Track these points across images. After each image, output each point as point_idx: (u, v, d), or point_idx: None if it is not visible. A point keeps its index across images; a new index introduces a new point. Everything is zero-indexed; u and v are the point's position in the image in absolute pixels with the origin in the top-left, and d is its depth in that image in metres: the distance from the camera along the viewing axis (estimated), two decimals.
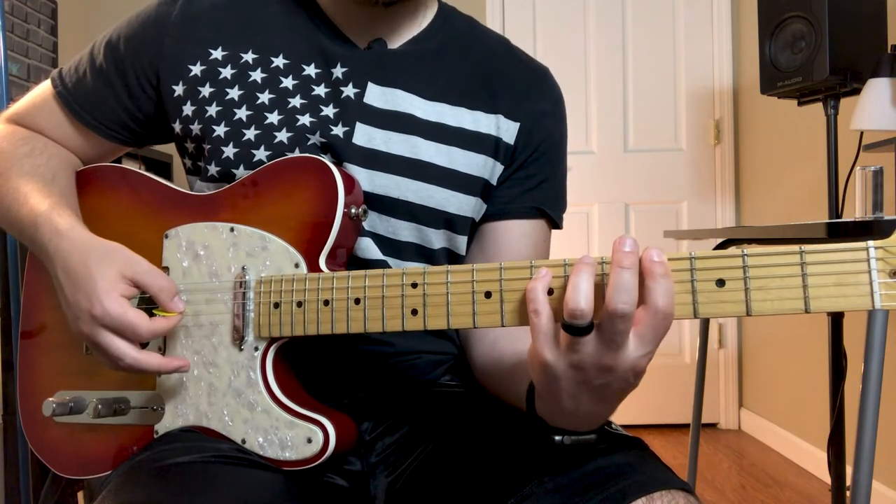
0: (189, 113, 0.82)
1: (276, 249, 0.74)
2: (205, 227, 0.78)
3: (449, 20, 0.90)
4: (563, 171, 0.91)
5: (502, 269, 0.62)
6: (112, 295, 0.70)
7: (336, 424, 0.71)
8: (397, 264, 0.83)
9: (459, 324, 0.64)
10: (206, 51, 0.83)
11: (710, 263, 0.56)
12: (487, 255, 0.86)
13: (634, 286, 0.54)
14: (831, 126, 1.88)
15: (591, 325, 0.55)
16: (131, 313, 0.70)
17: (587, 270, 0.56)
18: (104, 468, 0.79)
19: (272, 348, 0.73)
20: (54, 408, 0.79)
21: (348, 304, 0.68)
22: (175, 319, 0.73)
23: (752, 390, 3.11)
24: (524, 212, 0.86)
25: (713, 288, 0.56)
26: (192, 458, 0.68)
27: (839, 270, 0.53)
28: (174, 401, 0.76)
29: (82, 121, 0.87)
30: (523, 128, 0.86)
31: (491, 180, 0.85)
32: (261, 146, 0.80)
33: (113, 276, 0.71)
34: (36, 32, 2.65)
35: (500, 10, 3.20)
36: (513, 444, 0.73)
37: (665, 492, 0.63)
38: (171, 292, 0.73)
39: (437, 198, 0.82)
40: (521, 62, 0.91)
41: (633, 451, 0.69)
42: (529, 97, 0.88)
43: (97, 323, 0.70)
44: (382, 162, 0.80)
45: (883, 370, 1.26)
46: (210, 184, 0.82)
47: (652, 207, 3.19)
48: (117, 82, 0.86)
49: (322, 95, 0.82)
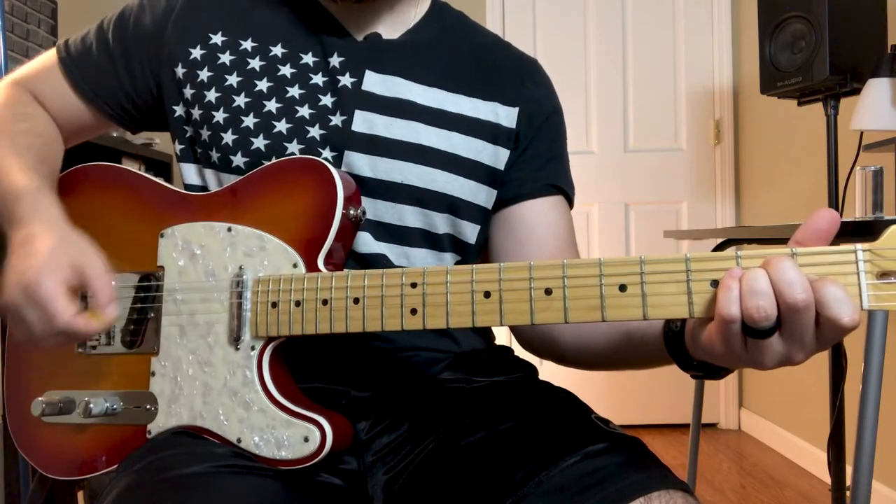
0: (189, 96, 0.83)
1: (274, 249, 0.74)
2: (202, 226, 0.78)
3: (441, 13, 0.93)
4: (566, 154, 0.94)
5: (501, 269, 0.63)
6: (53, 276, 0.69)
7: (333, 423, 0.71)
8: (402, 251, 0.84)
9: (458, 323, 0.64)
10: (207, 35, 0.84)
11: (706, 265, 0.57)
12: (518, 236, 0.88)
13: (801, 274, 0.53)
14: (831, 126, 1.88)
15: (776, 325, 0.54)
16: (61, 300, 0.69)
17: (759, 271, 0.54)
18: (94, 469, 0.79)
19: (269, 348, 0.73)
20: (44, 408, 0.78)
21: (347, 304, 0.68)
22: (97, 326, 0.70)
23: (752, 390, 3.11)
24: (540, 189, 0.88)
25: (708, 289, 0.57)
26: (194, 469, 0.67)
27: (829, 272, 0.55)
28: (168, 400, 0.76)
29: (81, 91, 0.88)
30: (523, 112, 0.89)
31: (496, 166, 0.87)
32: (259, 134, 0.80)
33: (64, 262, 0.70)
34: (36, 32, 2.65)
35: (500, 10, 3.20)
36: (512, 443, 0.73)
37: (663, 492, 0.63)
38: (108, 297, 0.71)
39: (439, 181, 0.83)
40: (511, 53, 0.95)
41: (631, 451, 0.69)
42: (524, 85, 0.91)
43: (26, 294, 0.69)
44: (384, 147, 0.82)
45: (883, 370, 1.26)
46: (205, 169, 0.83)
47: (652, 207, 3.19)
48: (121, 62, 0.87)
49: (320, 84, 0.83)
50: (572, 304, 0.61)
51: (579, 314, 0.61)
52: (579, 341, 0.81)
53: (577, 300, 0.61)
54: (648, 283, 0.59)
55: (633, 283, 0.59)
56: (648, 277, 0.59)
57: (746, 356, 0.57)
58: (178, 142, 0.86)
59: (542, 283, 0.62)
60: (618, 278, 0.59)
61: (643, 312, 0.59)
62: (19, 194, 0.76)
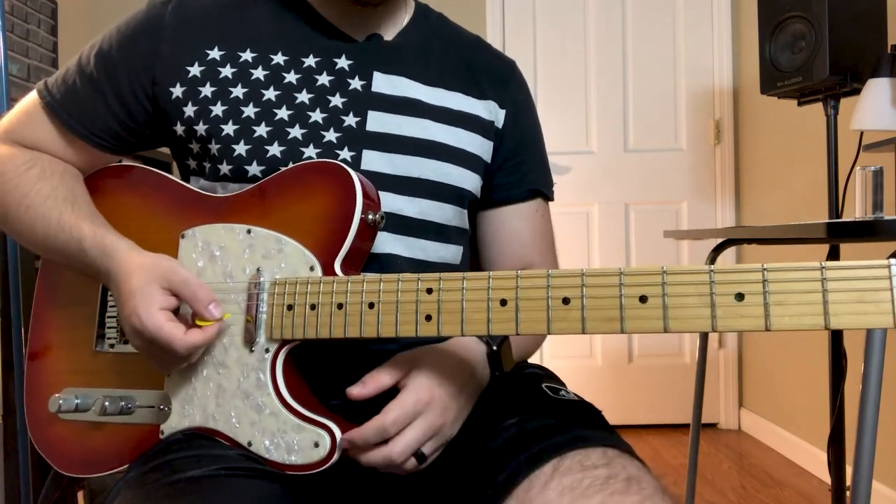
0: (191, 114, 0.82)
1: (292, 252, 0.74)
2: (221, 228, 0.78)
3: (427, 16, 0.95)
4: (543, 147, 1.01)
5: (518, 277, 0.61)
6: (150, 309, 0.71)
7: (344, 429, 0.71)
8: (416, 244, 0.85)
9: (473, 331, 0.63)
10: (203, 51, 0.84)
11: (730, 277, 0.55)
12: (505, 236, 0.94)
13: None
14: (831, 126, 1.88)
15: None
16: (166, 328, 0.70)
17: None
18: (108, 467, 0.79)
19: (283, 351, 0.73)
20: (60, 404, 0.79)
21: (362, 308, 0.68)
22: (211, 330, 0.72)
23: (752, 390, 3.11)
24: (524, 195, 0.95)
25: (732, 302, 0.55)
26: (204, 471, 0.68)
27: (860, 287, 0.52)
28: (181, 401, 0.76)
29: (72, 130, 0.87)
30: (509, 114, 0.94)
31: (486, 159, 0.92)
32: (274, 142, 0.81)
33: (153, 290, 0.72)
34: (36, 32, 2.65)
35: (500, 10, 3.20)
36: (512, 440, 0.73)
37: (579, 451, 0.65)
38: (204, 301, 0.72)
39: (453, 175, 0.87)
40: (494, 54, 0.99)
41: (565, 415, 0.72)
42: (509, 87, 0.95)
43: (140, 337, 0.71)
44: (399, 144, 0.84)
45: (883, 370, 1.26)
46: (221, 183, 0.82)
47: (652, 207, 3.19)
48: (108, 91, 0.85)
49: (327, 84, 0.84)
50: (590, 315, 0.59)
51: (597, 325, 0.58)
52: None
53: (595, 310, 0.59)
54: (670, 296, 0.56)
55: (654, 295, 0.57)
56: (670, 289, 0.56)
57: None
58: (184, 159, 0.86)
59: (559, 293, 0.60)
60: (638, 289, 0.57)
61: (664, 325, 0.57)
62: (81, 247, 0.78)
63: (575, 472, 0.62)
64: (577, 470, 0.63)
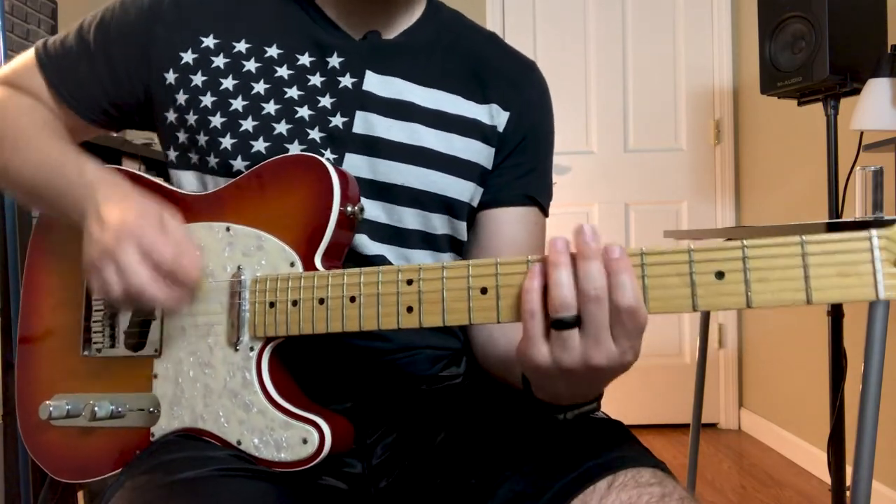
0: (182, 102, 0.82)
1: (272, 248, 0.74)
2: (201, 226, 0.77)
3: (438, 13, 0.92)
4: (550, 161, 0.94)
5: (498, 264, 0.61)
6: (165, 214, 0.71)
7: (332, 425, 0.71)
8: (401, 253, 0.83)
9: (455, 320, 0.63)
10: (198, 38, 0.82)
11: (709, 255, 0.54)
12: (486, 240, 0.88)
13: (601, 272, 0.54)
14: (831, 126, 1.88)
15: (577, 318, 0.55)
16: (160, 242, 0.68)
17: (563, 262, 0.56)
18: (101, 472, 0.79)
19: (268, 348, 0.73)
20: (51, 411, 0.78)
21: (343, 303, 0.67)
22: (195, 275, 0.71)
23: (752, 390, 3.11)
24: (516, 199, 0.89)
25: (712, 280, 0.54)
26: (197, 473, 0.67)
27: (841, 261, 0.51)
28: (170, 403, 0.76)
29: (59, 95, 0.86)
30: (513, 117, 0.89)
31: (487, 166, 0.88)
32: (259, 137, 0.80)
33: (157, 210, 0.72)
34: (36, 32, 2.65)
35: (500, 10, 3.20)
36: (499, 437, 0.73)
37: (630, 469, 0.64)
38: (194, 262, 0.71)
39: (439, 183, 0.83)
40: (509, 54, 0.94)
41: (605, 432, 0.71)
42: (518, 88, 0.90)
43: (127, 234, 0.68)
44: (384, 149, 0.81)
45: (883, 370, 1.26)
46: (205, 175, 0.82)
47: (652, 207, 3.19)
48: (102, 66, 0.85)
49: (318, 85, 0.82)
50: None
51: None
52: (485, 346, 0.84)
53: None
54: (650, 276, 0.56)
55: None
56: (650, 270, 0.56)
57: (551, 361, 0.57)
58: (172, 148, 0.85)
59: None
60: None
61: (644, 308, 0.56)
62: (81, 168, 0.77)
63: (630, 488, 0.63)
64: (633, 486, 0.63)
